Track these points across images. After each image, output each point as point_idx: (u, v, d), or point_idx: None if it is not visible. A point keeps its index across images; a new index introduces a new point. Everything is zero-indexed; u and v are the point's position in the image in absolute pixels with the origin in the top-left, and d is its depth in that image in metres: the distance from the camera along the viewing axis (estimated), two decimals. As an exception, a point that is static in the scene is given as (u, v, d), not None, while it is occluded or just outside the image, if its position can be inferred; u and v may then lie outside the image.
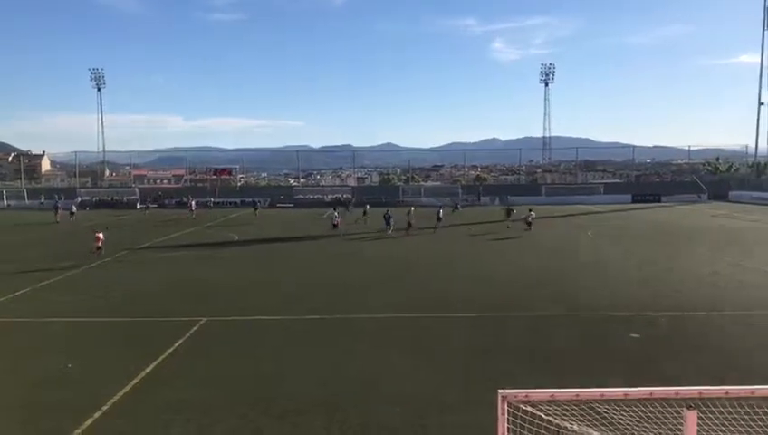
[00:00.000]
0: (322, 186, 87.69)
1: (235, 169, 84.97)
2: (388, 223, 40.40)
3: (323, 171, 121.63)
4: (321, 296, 20.71)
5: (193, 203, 59.33)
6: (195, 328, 16.51)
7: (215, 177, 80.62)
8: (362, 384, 12.27)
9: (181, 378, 12.69)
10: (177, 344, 14.99)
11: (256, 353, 14.37)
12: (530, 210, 42.55)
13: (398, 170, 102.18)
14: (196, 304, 19.33)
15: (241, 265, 27.82)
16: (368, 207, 49.38)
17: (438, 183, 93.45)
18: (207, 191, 75.07)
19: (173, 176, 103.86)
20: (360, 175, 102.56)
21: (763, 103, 74.01)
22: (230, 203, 71.43)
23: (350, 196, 67.56)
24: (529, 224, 40.89)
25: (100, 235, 30.17)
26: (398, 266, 26.73)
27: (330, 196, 73.73)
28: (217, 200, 71.60)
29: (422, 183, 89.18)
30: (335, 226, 41.59)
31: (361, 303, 19.55)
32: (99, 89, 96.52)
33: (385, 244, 35.36)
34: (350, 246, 34.80)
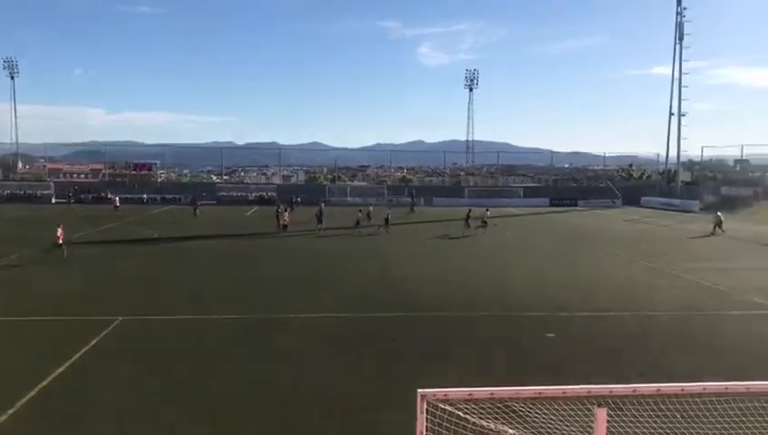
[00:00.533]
0: (247, 183, 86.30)
1: (156, 164, 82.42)
2: (320, 221, 40.10)
3: (248, 169, 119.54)
4: (247, 295, 20.46)
5: (116, 199, 57.43)
6: (110, 328, 15.98)
7: (134, 172, 78.00)
8: (281, 384, 12.20)
9: (92, 379, 12.26)
10: (90, 345, 14.47)
11: (172, 354, 14.05)
12: (486, 210, 44.59)
13: (325, 169, 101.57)
14: (113, 304, 18.71)
15: (163, 263, 27.10)
16: (323, 205, 47.05)
17: (365, 183, 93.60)
18: (127, 186, 72.55)
19: (91, 170, 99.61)
20: (285, 173, 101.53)
21: (673, 114, 77.73)
22: (151, 199, 69.33)
23: (298, 198, 65.05)
24: (485, 223, 41.91)
25: (60, 230, 28.40)
26: (324, 266, 26.67)
27: (254, 194, 72.81)
28: (138, 196, 69.23)
29: (348, 183, 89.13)
30: (284, 226, 40.63)
31: (282, 303, 19.42)
32: (12, 77, 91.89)
33: (326, 242, 35.16)
34: (295, 244, 34.46)
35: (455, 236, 39.08)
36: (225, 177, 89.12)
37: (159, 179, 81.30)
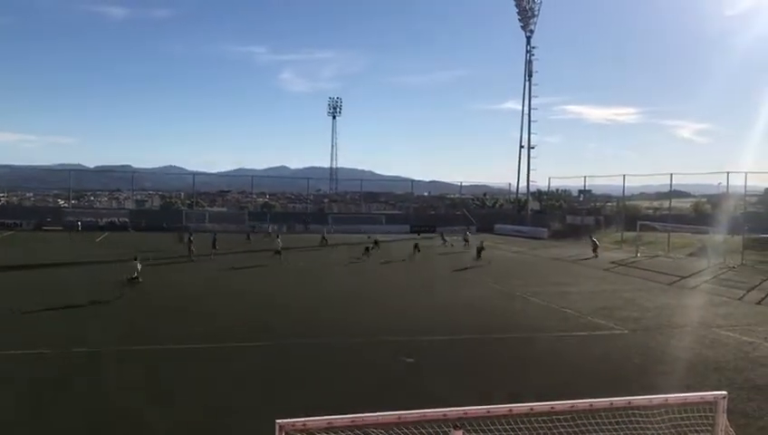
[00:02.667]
0: (96, 208, 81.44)
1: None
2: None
3: (99, 193, 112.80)
4: (104, 328, 19.09)
5: None
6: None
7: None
8: (135, 415, 11.41)
9: None
10: None
11: (8, 392, 12.78)
12: (482, 242, 46.35)
13: (182, 194, 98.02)
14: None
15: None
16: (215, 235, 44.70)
17: (224, 209, 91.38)
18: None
19: None
20: (139, 197, 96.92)
21: (523, 146, 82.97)
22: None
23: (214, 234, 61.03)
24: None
25: None
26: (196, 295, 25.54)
27: (105, 219, 68.76)
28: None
29: (207, 208, 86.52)
30: (191, 251, 39.25)
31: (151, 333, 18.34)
32: None
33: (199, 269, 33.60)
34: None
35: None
36: (73, 201, 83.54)
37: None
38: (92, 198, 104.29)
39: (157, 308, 22.95)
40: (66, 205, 79.41)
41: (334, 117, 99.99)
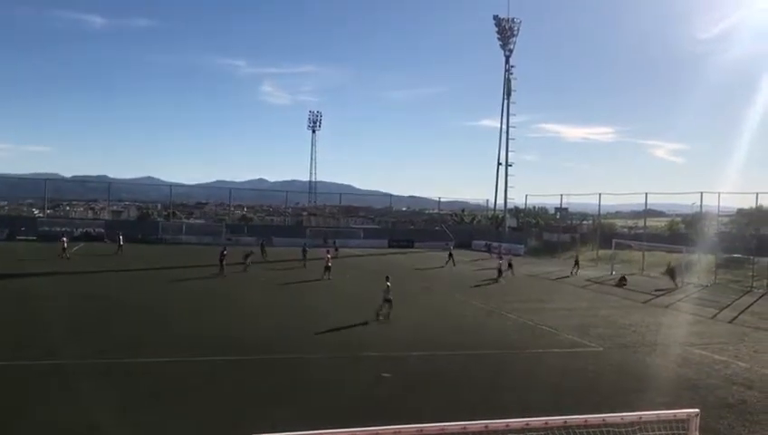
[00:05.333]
0: (72, 218, 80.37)
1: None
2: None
3: (74, 202, 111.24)
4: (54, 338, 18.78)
5: None
6: None
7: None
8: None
9: None
10: None
11: None
12: (509, 260, 45.26)
13: (159, 205, 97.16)
14: None
15: None
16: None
17: (202, 221, 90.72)
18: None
19: None
20: (115, 208, 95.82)
21: (501, 163, 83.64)
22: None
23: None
24: (510, 265, 43.18)
25: None
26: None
27: (80, 229, 67.85)
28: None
29: (184, 220, 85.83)
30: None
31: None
32: None
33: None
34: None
35: (298, 279, 38.83)
36: (48, 211, 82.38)
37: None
38: (68, 208, 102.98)
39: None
40: (41, 214, 78.27)
41: (314, 130, 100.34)
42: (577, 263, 48.69)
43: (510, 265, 43.64)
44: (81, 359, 16.46)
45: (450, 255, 52.76)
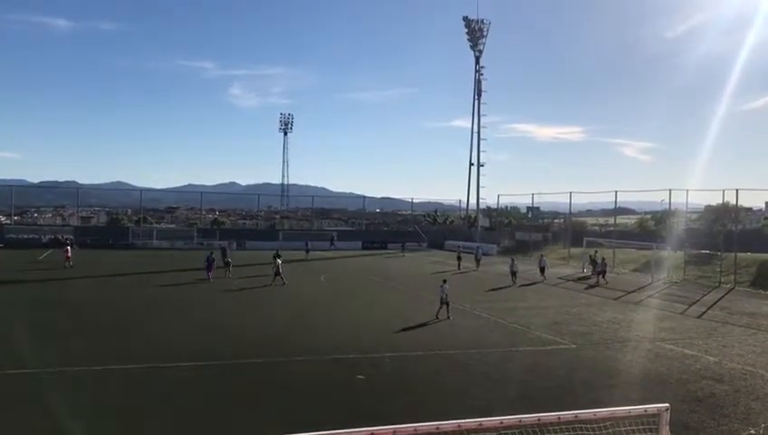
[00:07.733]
0: (40, 225, 78.90)
1: None
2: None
3: (42, 209, 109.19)
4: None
5: None
6: None
7: None
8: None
9: None
10: None
11: None
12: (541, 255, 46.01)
13: (129, 211, 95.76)
14: None
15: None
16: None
17: (173, 226, 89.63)
18: None
19: None
20: (84, 214, 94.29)
21: (473, 164, 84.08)
22: None
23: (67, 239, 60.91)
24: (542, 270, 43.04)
25: None
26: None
27: (48, 236, 66.66)
28: None
29: (155, 225, 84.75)
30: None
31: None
32: None
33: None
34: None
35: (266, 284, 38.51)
36: (15, 217, 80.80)
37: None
38: (36, 214, 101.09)
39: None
40: (8, 221, 76.74)
41: (286, 133, 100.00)
42: (593, 262, 45.50)
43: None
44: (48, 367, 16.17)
45: (459, 258, 51.94)
